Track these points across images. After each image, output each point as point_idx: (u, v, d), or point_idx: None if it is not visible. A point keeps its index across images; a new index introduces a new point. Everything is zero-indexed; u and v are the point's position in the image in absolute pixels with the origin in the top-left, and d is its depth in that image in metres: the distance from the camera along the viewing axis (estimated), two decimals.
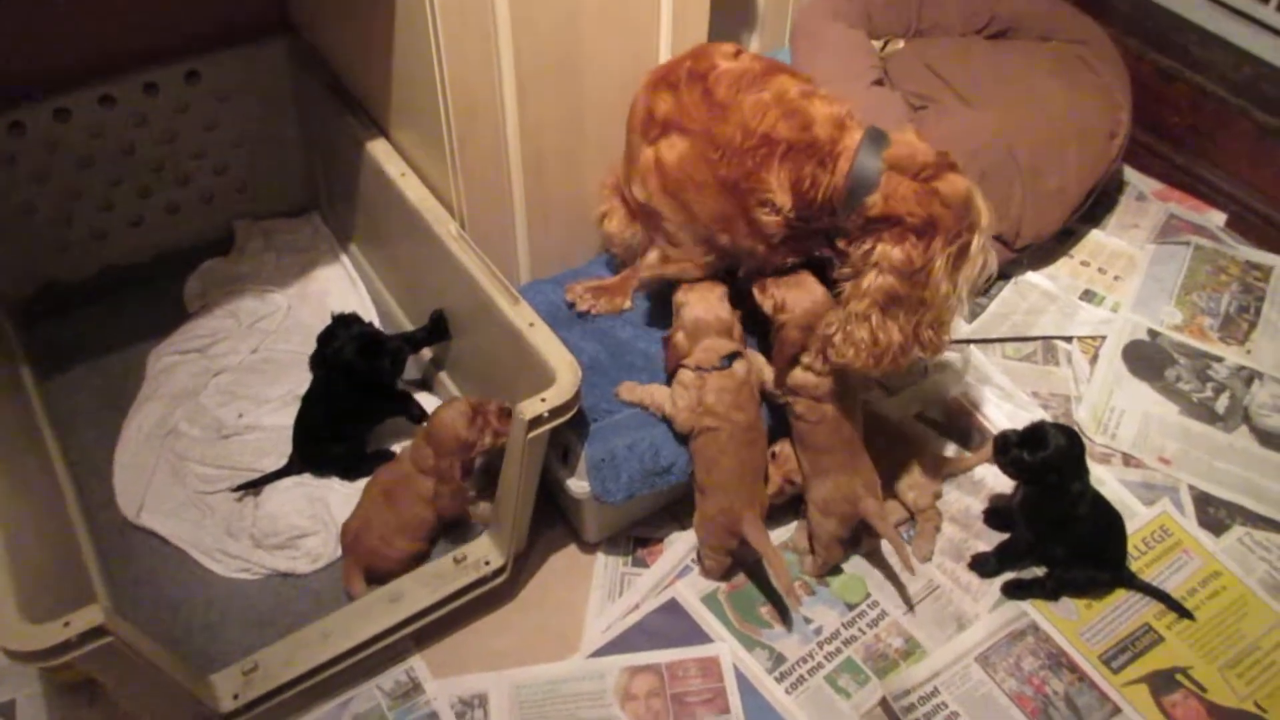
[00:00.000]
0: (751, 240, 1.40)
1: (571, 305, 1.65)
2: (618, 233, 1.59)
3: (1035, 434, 1.45)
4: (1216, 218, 2.20)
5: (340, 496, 1.58)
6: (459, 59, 1.42)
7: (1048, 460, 1.43)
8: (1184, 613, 1.51)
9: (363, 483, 1.58)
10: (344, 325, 1.61)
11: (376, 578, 1.48)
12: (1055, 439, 1.43)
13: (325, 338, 1.61)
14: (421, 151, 1.62)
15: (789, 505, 1.58)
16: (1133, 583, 1.53)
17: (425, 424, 1.52)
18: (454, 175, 1.53)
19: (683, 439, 1.47)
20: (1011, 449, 1.46)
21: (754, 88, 1.33)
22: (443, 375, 1.75)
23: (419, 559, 1.51)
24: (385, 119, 1.71)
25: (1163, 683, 1.44)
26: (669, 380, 1.50)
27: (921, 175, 1.26)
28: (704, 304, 1.48)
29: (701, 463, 1.47)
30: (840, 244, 1.34)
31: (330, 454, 1.62)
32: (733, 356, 1.46)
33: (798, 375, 1.45)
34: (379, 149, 1.70)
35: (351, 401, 1.61)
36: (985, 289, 1.62)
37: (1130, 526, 1.57)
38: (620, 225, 1.58)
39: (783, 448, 1.53)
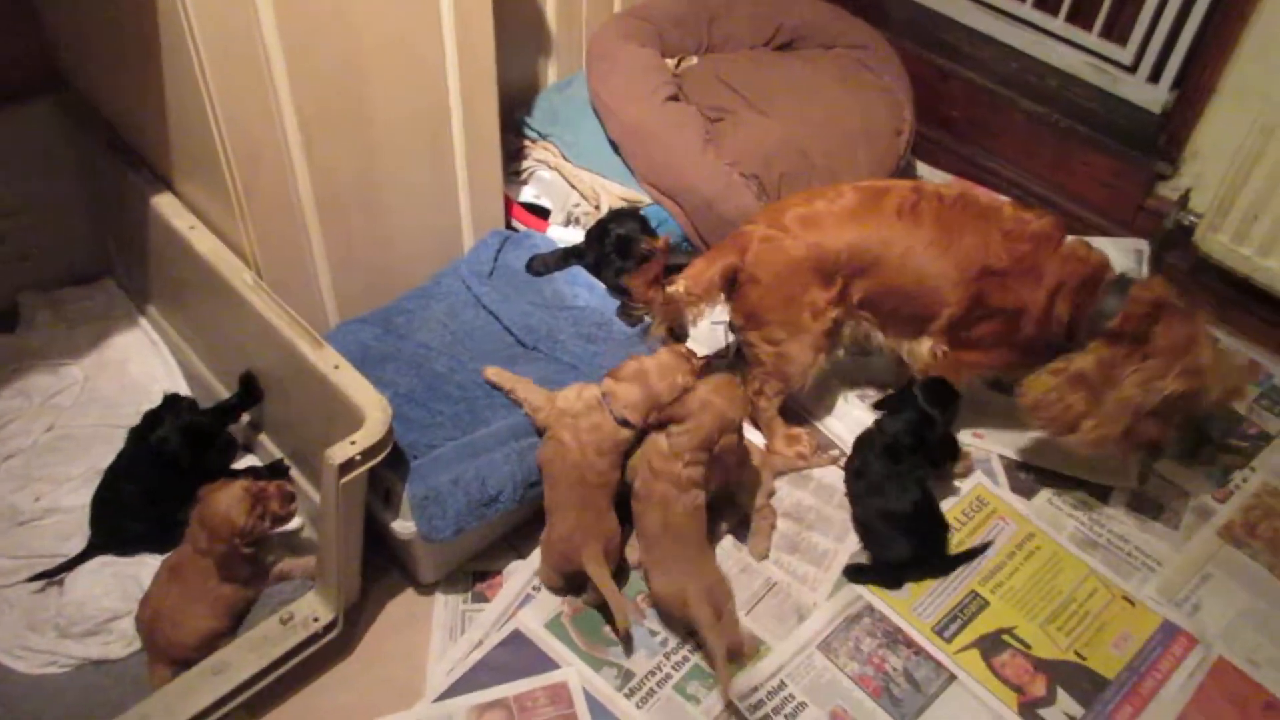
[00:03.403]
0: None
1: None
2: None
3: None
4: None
5: (152, 571, 1.48)
6: (234, 104, 1.38)
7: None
8: (977, 552, 1.62)
9: None
10: (172, 411, 1.54)
11: (184, 666, 1.37)
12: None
13: (150, 420, 1.54)
14: (209, 202, 1.56)
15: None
16: (957, 561, 1.61)
17: (198, 504, 1.40)
18: (244, 223, 1.48)
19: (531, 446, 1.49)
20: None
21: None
22: (262, 437, 1.68)
23: (221, 637, 1.41)
24: (169, 171, 1.64)
25: (991, 645, 1.51)
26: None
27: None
28: (665, 380, 1.47)
29: (547, 477, 1.48)
30: None
31: (133, 531, 1.53)
32: (627, 424, 1.46)
33: (654, 439, 1.46)
34: (165, 203, 1.62)
35: (171, 483, 1.52)
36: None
37: (948, 502, 1.66)
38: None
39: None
